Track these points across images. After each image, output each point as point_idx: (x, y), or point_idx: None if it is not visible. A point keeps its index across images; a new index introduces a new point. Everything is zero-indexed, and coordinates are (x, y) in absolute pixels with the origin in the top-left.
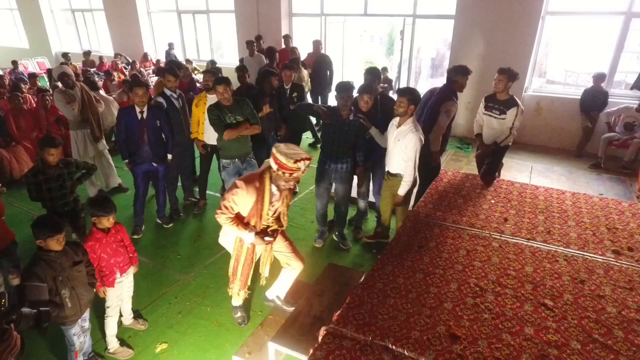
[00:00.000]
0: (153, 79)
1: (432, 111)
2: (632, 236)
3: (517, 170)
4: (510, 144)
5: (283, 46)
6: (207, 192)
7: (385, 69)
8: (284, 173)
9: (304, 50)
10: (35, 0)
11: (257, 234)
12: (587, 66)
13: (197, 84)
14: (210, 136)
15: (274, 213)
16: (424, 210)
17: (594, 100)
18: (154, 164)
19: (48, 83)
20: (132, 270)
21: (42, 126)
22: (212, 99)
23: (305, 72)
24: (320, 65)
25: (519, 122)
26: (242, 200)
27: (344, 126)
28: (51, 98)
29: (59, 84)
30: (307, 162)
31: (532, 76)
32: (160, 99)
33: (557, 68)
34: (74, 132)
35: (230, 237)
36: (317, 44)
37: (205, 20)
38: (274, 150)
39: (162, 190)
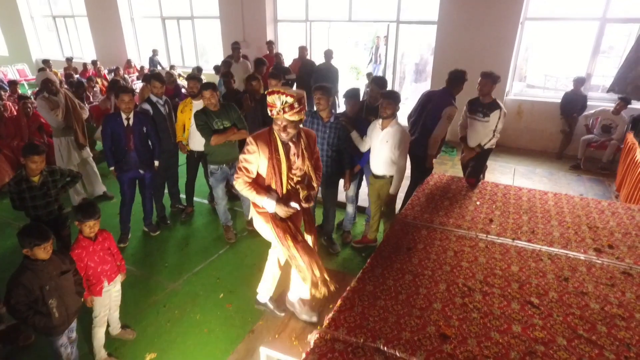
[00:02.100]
0: (137, 86)
1: (433, 116)
2: (612, 234)
3: (501, 173)
4: (494, 146)
5: (267, 52)
6: (194, 199)
7: (370, 75)
8: (270, 111)
9: (289, 56)
10: (14, 6)
11: (279, 200)
12: (566, 70)
13: (182, 90)
14: (196, 142)
15: (298, 172)
16: (412, 213)
17: (574, 103)
18: (141, 171)
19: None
20: (119, 279)
21: (23, 134)
22: (197, 105)
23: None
24: (305, 71)
25: (502, 124)
26: (254, 157)
27: (325, 129)
28: (33, 105)
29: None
30: (281, 96)
31: (513, 80)
32: (147, 106)
33: (537, 72)
34: (57, 139)
35: (256, 213)
36: (302, 50)
37: (189, 26)
38: None
39: (149, 198)
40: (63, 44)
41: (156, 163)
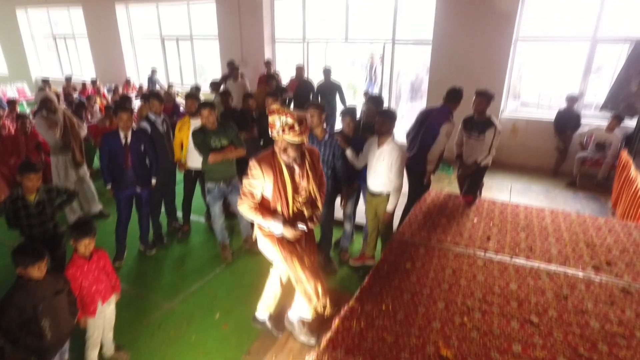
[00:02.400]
0: (136, 104)
1: (431, 132)
2: (609, 251)
3: (498, 190)
4: (490, 163)
5: (264, 71)
6: (191, 217)
7: (367, 93)
8: (270, 131)
9: (286, 75)
10: (16, 26)
11: (286, 222)
12: (559, 88)
13: (180, 108)
14: (193, 160)
15: (304, 193)
16: (409, 231)
17: (568, 121)
18: (138, 189)
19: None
20: (114, 299)
21: (21, 152)
22: (195, 123)
23: None
24: (302, 90)
25: (497, 142)
26: (259, 181)
27: (319, 147)
28: (31, 123)
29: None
30: (281, 116)
31: (507, 98)
32: (145, 124)
33: (531, 90)
34: (55, 157)
35: (261, 235)
36: (299, 69)
37: (188, 46)
38: None
39: (146, 216)
40: (63, 63)
41: (153, 181)
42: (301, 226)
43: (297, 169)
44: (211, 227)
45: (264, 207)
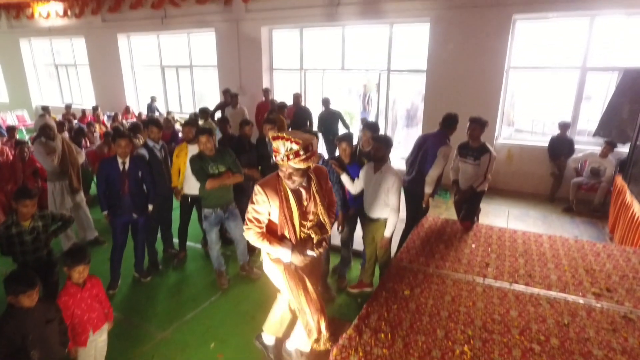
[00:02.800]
0: None
1: (429, 156)
2: (609, 277)
3: (495, 215)
4: (486, 189)
5: (262, 99)
6: (187, 243)
7: (364, 120)
8: (275, 156)
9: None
10: (19, 56)
11: (294, 248)
12: (552, 115)
13: (179, 135)
14: (190, 186)
15: (311, 217)
16: (407, 257)
17: (561, 147)
18: (134, 216)
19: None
20: (106, 328)
21: (17, 178)
22: (192, 149)
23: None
24: (299, 117)
25: (493, 167)
26: (264, 206)
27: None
28: (29, 150)
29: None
30: (285, 142)
31: (502, 125)
32: (143, 150)
33: (524, 117)
34: (51, 183)
35: (269, 260)
36: (297, 97)
37: (188, 74)
38: None
39: (142, 242)
40: (63, 90)
41: (150, 207)
42: (310, 252)
43: (303, 192)
44: (207, 254)
45: (271, 232)
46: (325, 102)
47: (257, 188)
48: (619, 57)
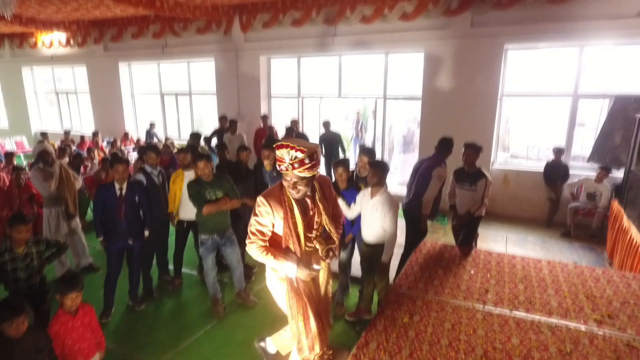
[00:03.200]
0: (133, 157)
1: (424, 177)
2: (610, 303)
3: (493, 241)
4: (483, 214)
5: (260, 125)
6: (183, 269)
7: (361, 146)
8: (279, 165)
9: (282, 128)
10: (20, 83)
11: (300, 262)
12: (546, 141)
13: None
14: (186, 211)
15: (316, 227)
16: (406, 283)
17: (556, 172)
18: (130, 241)
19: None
20: (97, 358)
21: (13, 204)
22: (189, 175)
23: None
24: None
25: (489, 192)
26: (268, 219)
27: None
28: (26, 176)
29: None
30: (290, 150)
31: (497, 150)
32: (141, 176)
33: (519, 143)
34: (47, 209)
35: (274, 277)
36: (294, 123)
37: (187, 101)
38: None
39: (136, 269)
40: (63, 116)
41: (146, 232)
42: (317, 267)
43: (308, 202)
44: (203, 281)
45: (275, 245)
46: (326, 124)
47: (260, 199)
48: (609, 84)
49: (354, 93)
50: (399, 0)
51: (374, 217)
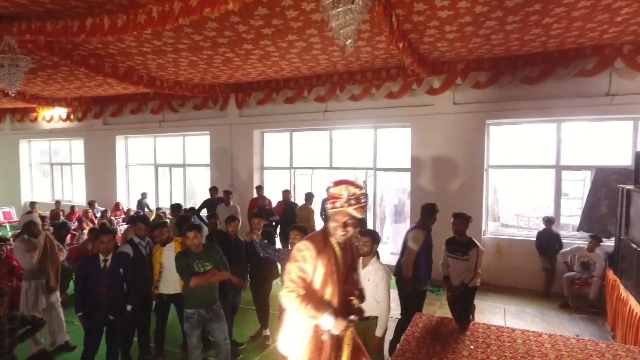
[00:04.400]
0: (122, 227)
1: (404, 241)
2: None
3: (491, 313)
4: (478, 284)
5: (255, 195)
6: (165, 347)
7: None
8: (333, 203)
9: (274, 198)
10: (16, 155)
11: (338, 314)
12: (535, 210)
13: None
14: (168, 285)
15: (351, 279)
16: None
17: (548, 242)
18: (111, 317)
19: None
20: None
21: None
22: (167, 249)
23: None
24: (288, 213)
25: (481, 261)
26: (310, 265)
27: None
28: (9, 248)
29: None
30: (349, 186)
31: (487, 220)
32: (127, 247)
33: (509, 212)
34: (27, 282)
35: (297, 339)
36: (286, 194)
37: (181, 172)
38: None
39: (115, 347)
40: (55, 187)
41: (128, 307)
42: (353, 317)
43: (348, 252)
44: (186, 359)
45: (314, 298)
46: (308, 197)
47: (304, 244)
48: (589, 156)
49: (345, 165)
50: (385, 80)
51: (366, 288)
